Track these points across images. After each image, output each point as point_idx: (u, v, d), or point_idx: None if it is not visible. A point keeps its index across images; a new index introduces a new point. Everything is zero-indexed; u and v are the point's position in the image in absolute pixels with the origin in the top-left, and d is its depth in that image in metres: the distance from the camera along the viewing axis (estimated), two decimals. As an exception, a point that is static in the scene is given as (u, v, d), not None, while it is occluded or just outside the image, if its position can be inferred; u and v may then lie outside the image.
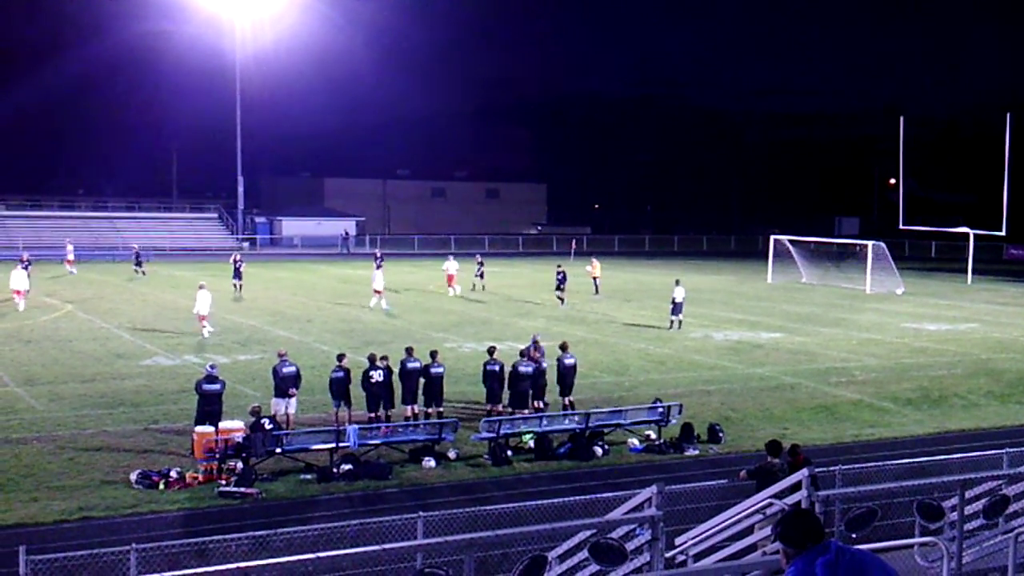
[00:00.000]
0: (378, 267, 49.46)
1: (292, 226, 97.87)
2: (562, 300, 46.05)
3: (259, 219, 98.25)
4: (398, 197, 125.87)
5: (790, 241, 64.93)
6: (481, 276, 53.45)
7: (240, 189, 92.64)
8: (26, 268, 44.83)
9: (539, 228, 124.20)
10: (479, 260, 55.07)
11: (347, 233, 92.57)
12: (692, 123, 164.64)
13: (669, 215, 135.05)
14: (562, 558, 12.31)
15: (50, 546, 14.03)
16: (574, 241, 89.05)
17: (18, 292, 41.90)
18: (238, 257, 49.65)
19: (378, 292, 43.79)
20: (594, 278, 52.44)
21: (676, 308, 39.43)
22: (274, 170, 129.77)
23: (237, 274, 48.53)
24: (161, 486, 18.50)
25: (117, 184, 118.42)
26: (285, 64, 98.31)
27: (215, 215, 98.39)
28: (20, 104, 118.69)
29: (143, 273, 59.06)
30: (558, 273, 47.10)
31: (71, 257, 61.25)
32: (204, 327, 35.59)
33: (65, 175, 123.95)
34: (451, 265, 50.80)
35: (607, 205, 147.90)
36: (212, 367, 22.11)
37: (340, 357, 23.77)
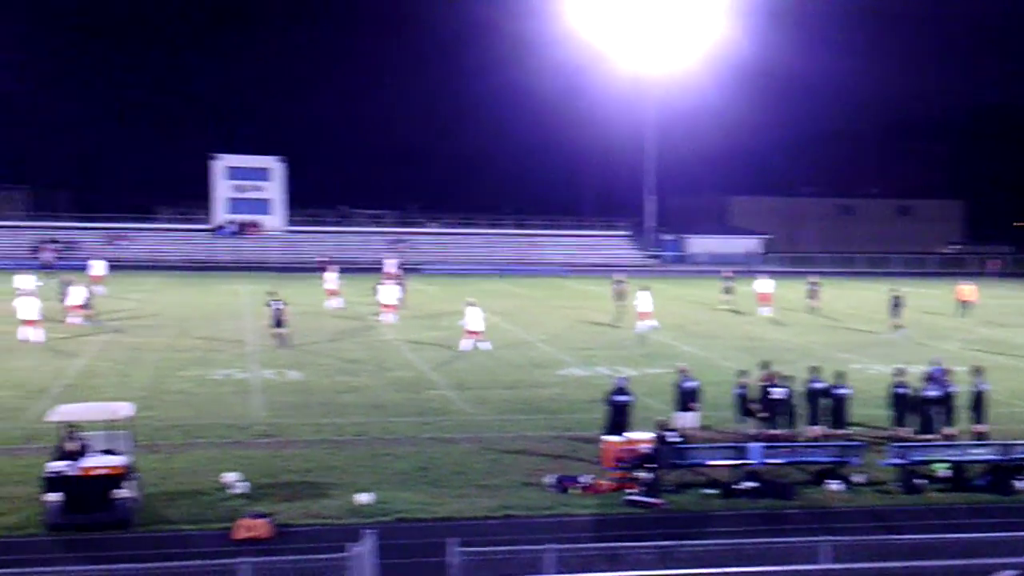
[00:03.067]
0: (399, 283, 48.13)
1: (699, 244, 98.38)
2: (898, 327, 42.47)
3: (667, 237, 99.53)
4: (803, 215, 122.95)
5: None
6: (813, 297, 50.51)
7: (649, 208, 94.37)
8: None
9: (955, 247, 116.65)
10: (812, 280, 51.93)
11: (751, 251, 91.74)
12: None
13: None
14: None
15: (476, 539, 14.97)
16: (1000, 261, 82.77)
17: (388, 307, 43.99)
18: (621, 279, 48.95)
19: (390, 307, 43.12)
20: (965, 301, 48.43)
21: None
22: (682, 188, 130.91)
23: (619, 296, 47.19)
24: (573, 491, 19.21)
25: (536, 203, 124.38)
26: (693, 83, 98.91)
27: (626, 233, 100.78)
28: (463, 132, 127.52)
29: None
30: (893, 298, 43.38)
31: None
32: (475, 341, 35.66)
33: (491, 195, 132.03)
34: (763, 284, 48.48)
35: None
36: (622, 379, 22.67)
37: (742, 373, 23.64)
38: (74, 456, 17.21)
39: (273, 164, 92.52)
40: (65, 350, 33.72)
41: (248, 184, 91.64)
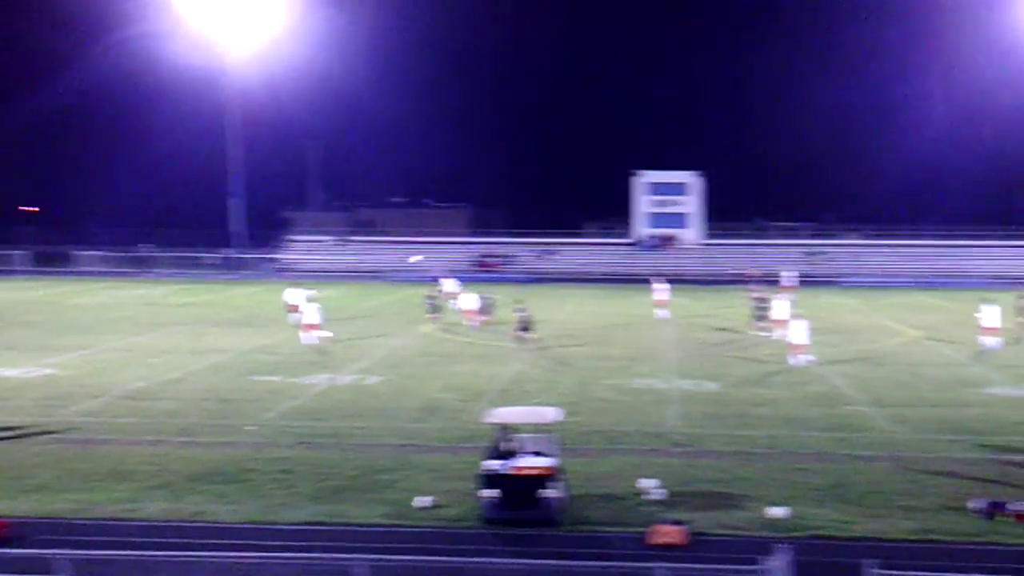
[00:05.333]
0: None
1: None
2: None
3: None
4: None
5: None
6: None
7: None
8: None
9: None
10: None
11: None
12: None
13: None
14: None
15: (894, 562, 14.23)
16: None
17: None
18: (1022, 294, 43.64)
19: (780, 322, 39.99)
20: None
21: None
22: None
23: (1021, 312, 41.70)
24: (1003, 518, 17.75)
25: (963, 212, 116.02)
26: None
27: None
28: (879, 139, 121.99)
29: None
30: None
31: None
32: (800, 355, 34.07)
33: (912, 204, 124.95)
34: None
35: None
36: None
37: None
38: (508, 456, 18.28)
39: (691, 179, 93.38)
40: (498, 356, 35.97)
41: (667, 199, 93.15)
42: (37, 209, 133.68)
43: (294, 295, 45.62)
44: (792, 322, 35.12)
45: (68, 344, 38.47)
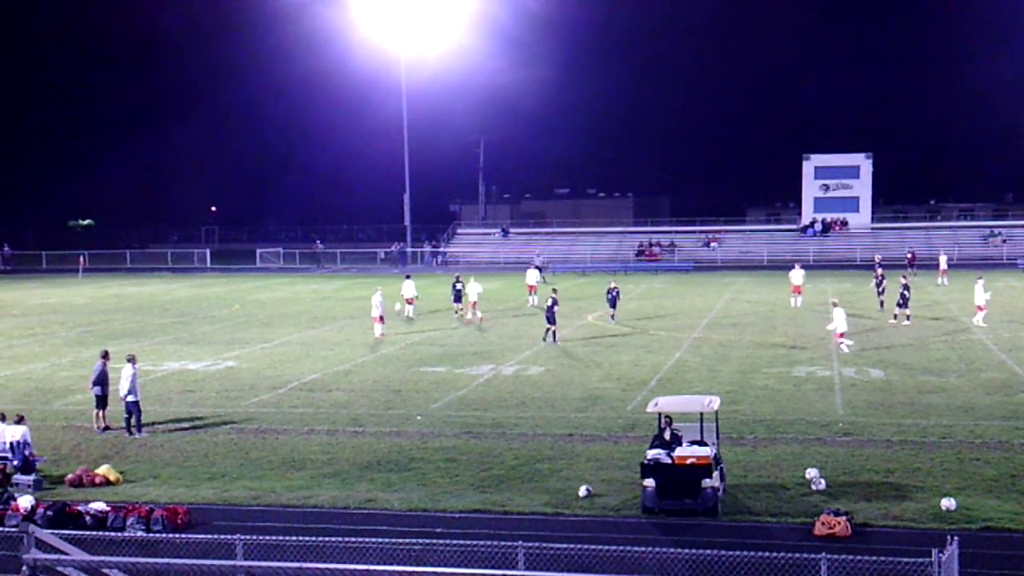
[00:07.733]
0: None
1: None
2: None
3: None
4: None
5: None
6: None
7: None
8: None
9: None
10: None
11: None
12: None
13: None
14: None
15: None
16: None
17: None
18: None
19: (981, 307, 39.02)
20: None
21: None
22: None
23: None
24: None
25: None
26: None
27: None
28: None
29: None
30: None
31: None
32: (842, 343, 33.38)
33: None
34: None
35: None
36: None
37: None
38: (669, 445, 18.14)
39: (861, 161, 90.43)
40: (659, 346, 35.74)
41: (835, 183, 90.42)
42: (214, 209, 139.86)
43: (409, 288, 46.40)
44: (836, 311, 34.18)
45: (248, 338, 40.16)
